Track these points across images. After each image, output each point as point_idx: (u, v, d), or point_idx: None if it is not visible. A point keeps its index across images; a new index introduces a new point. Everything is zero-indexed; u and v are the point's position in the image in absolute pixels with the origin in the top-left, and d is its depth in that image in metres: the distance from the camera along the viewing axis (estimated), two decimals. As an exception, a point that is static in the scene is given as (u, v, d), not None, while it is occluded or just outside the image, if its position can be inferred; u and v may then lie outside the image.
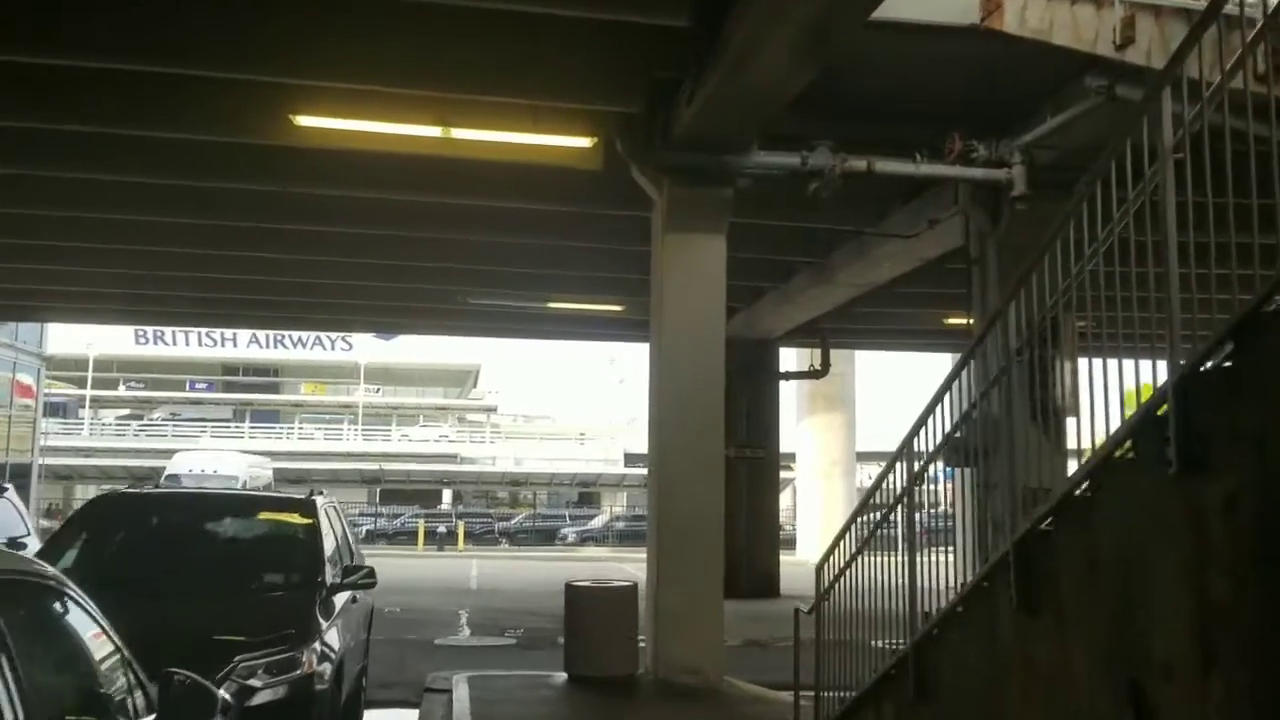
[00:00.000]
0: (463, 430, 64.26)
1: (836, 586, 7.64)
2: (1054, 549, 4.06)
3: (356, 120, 8.15)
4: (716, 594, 9.16)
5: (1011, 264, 9.15)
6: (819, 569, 8.27)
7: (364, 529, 37.22)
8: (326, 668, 5.29)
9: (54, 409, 62.34)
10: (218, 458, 27.05)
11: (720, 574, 9.15)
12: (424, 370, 72.10)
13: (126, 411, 69.53)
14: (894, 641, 6.30)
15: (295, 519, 6.45)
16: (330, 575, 6.13)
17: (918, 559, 6.05)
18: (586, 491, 55.78)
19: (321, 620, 5.66)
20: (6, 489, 8.54)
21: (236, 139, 9.03)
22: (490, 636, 13.31)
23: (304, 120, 8.07)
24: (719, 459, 9.15)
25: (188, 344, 72.03)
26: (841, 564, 7.35)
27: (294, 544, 6.27)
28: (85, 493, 48.92)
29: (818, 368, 18.97)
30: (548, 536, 37.59)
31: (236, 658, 4.78)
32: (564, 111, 8.36)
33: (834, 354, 20.30)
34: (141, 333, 70.85)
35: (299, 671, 5.06)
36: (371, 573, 6.48)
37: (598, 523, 41.14)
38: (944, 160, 8.80)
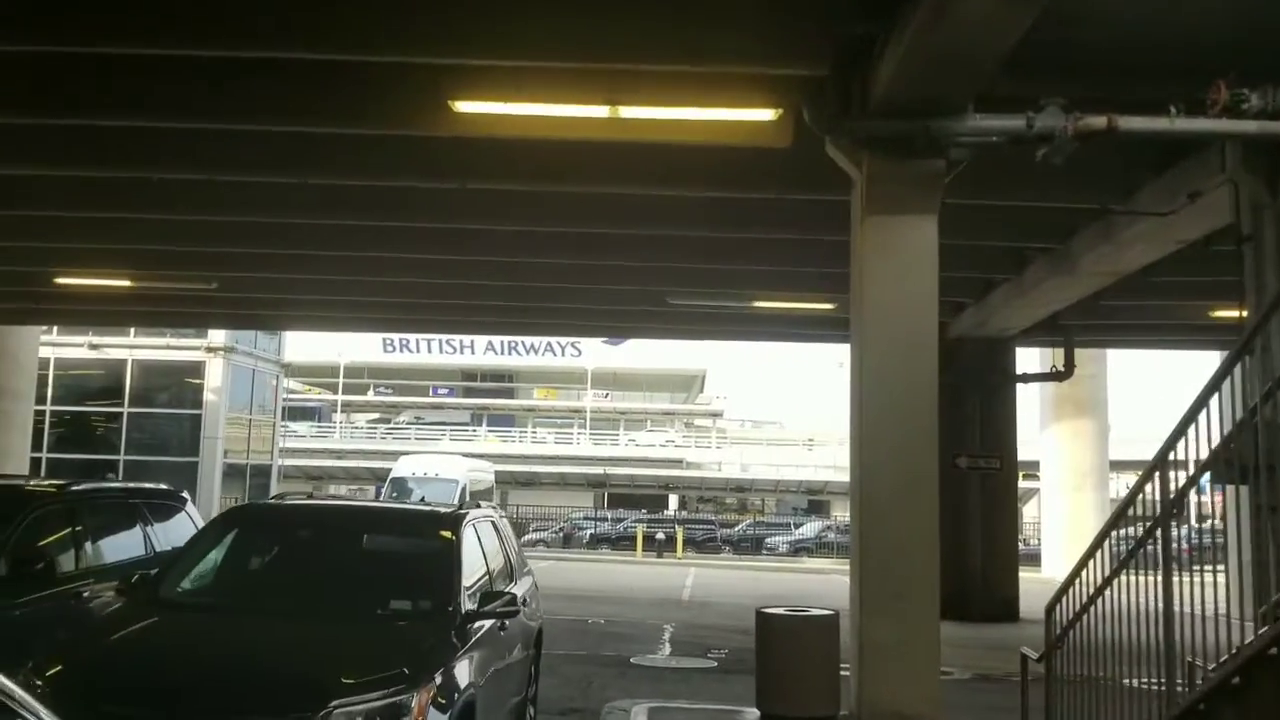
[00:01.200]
0: (689, 435, 64.07)
1: (1077, 626, 6.42)
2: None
3: (518, 103, 7.51)
4: (931, 625, 7.94)
5: (1297, 239, 7.56)
6: (1050, 610, 6.99)
7: (587, 533, 37.49)
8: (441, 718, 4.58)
9: (308, 413, 66.95)
10: (439, 461, 27.67)
11: (935, 602, 7.94)
12: (650, 375, 72.62)
13: (375, 415, 73.78)
14: (1148, 680, 5.23)
15: (433, 537, 5.87)
16: (468, 602, 5.47)
17: (1176, 587, 4.82)
18: (815, 499, 54.28)
19: (449, 656, 4.99)
20: (185, 500, 8.48)
21: (398, 130, 8.63)
22: (691, 657, 12.48)
23: (463, 106, 7.51)
24: (931, 472, 7.94)
25: (430, 351, 75.88)
26: (1081, 602, 6.12)
27: (427, 566, 5.68)
28: (336, 492, 51.90)
29: (1060, 369, 17.06)
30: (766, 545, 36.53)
31: (332, 704, 4.17)
32: (742, 79, 7.42)
33: (1081, 354, 18.28)
34: (389, 341, 75.27)
35: (404, 720, 4.38)
36: (512, 600, 5.78)
37: (808, 531, 39.52)
38: (1205, 114, 7.23)
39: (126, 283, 14.61)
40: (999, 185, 9.55)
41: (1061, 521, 26.73)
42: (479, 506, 6.83)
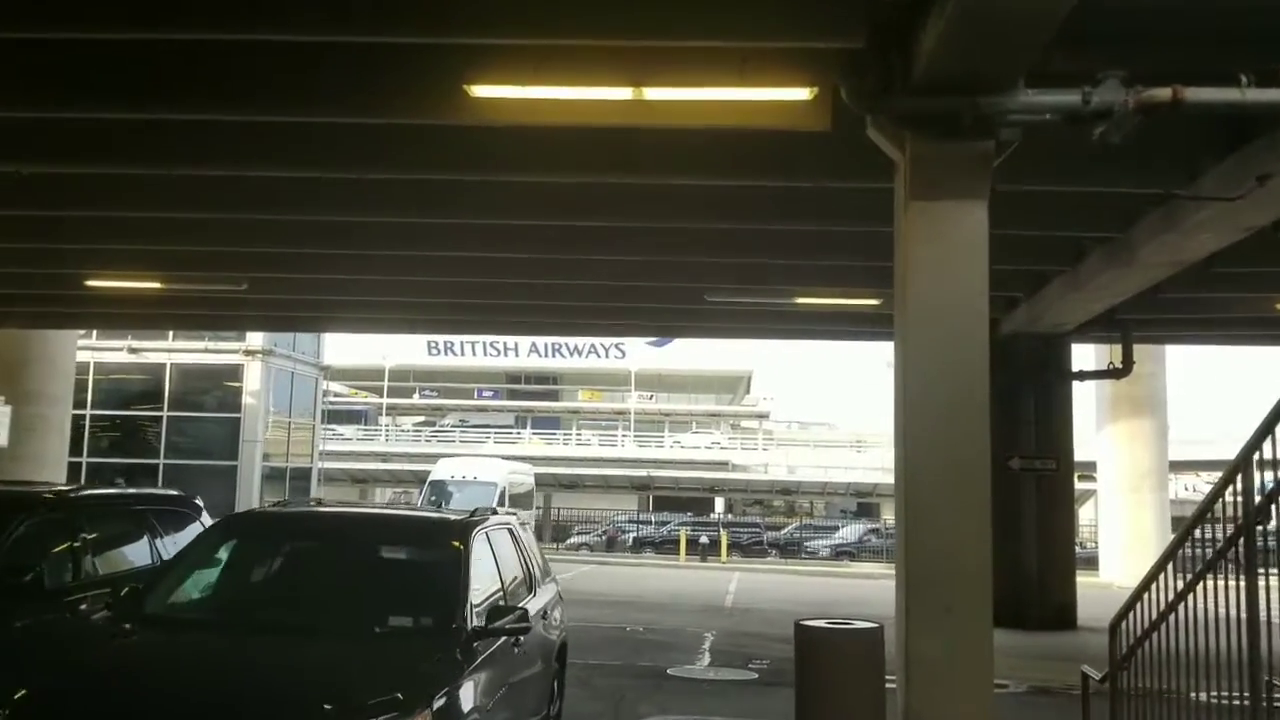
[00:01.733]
0: (734, 437, 63.45)
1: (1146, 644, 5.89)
2: None
3: (538, 86, 7.09)
4: (984, 636, 7.40)
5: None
6: (1115, 627, 6.45)
7: (630, 536, 37.07)
8: (439, 747, 4.17)
9: (355, 416, 67.34)
10: (478, 464, 27.38)
11: (988, 612, 7.40)
12: (696, 377, 72.16)
13: (421, 418, 74.02)
14: (1228, 695, 4.87)
15: (440, 548, 5.46)
16: (475, 619, 5.05)
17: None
18: (864, 501, 53.48)
19: (452, 677, 4.58)
20: (198, 508, 8.13)
21: (410, 119, 8.26)
22: (731, 668, 12.00)
23: (480, 90, 7.11)
24: (982, 475, 7.40)
25: (474, 354, 76.08)
26: (1152, 616, 5.60)
27: (432, 579, 5.27)
28: (381, 495, 52.03)
29: (1118, 366, 16.32)
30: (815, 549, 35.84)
31: (316, 731, 3.78)
32: (774, 54, 6.94)
33: (1140, 351, 17.55)
34: (433, 344, 75.60)
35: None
36: (524, 616, 5.33)
37: (849, 534, 38.73)
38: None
39: (156, 285, 14.42)
40: (1054, 170, 8.98)
41: (1119, 524, 25.82)
42: (496, 513, 6.41)
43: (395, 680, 4.28)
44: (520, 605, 5.58)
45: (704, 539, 30.91)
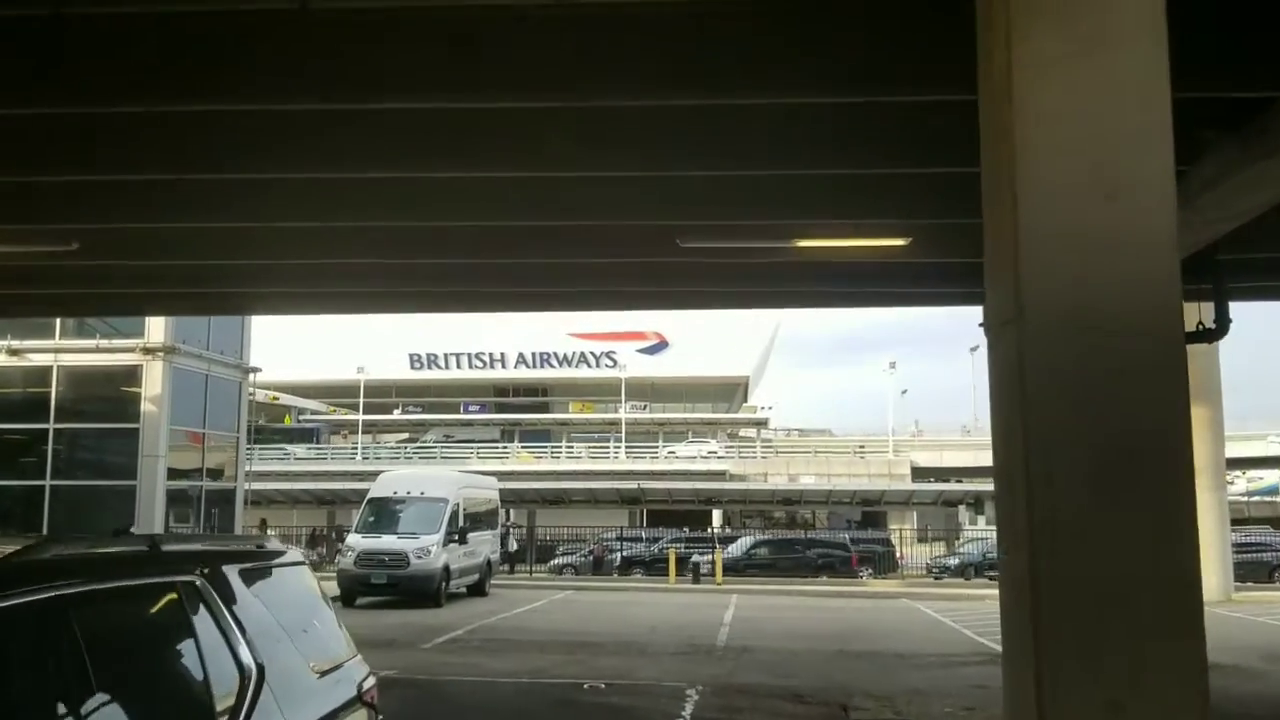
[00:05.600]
0: (731, 446, 59.87)
1: None
2: None
3: None
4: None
5: None
6: None
7: (618, 555, 33.37)
8: None
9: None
10: (425, 477, 23.76)
11: (1204, 676, 3.95)
12: (690, 384, 68.80)
13: (405, 435, 70.47)
14: None
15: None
16: None
17: None
18: (870, 511, 49.98)
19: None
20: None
21: None
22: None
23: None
24: (1178, 466, 4.00)
25: (459, 367, 72.83)
26: None
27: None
28: (349, 519, 48.38)
29: (1208, 327, 12.71)
30: (827, 566, 32.21)
31: None
32: None
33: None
34: (417, 357, 72.34)
35: None
36: None
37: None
38: None
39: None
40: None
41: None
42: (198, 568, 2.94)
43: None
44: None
45: (696, 558, 27.25)
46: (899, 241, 10.61)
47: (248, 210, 10.18)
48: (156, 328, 19.93)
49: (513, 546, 34.01)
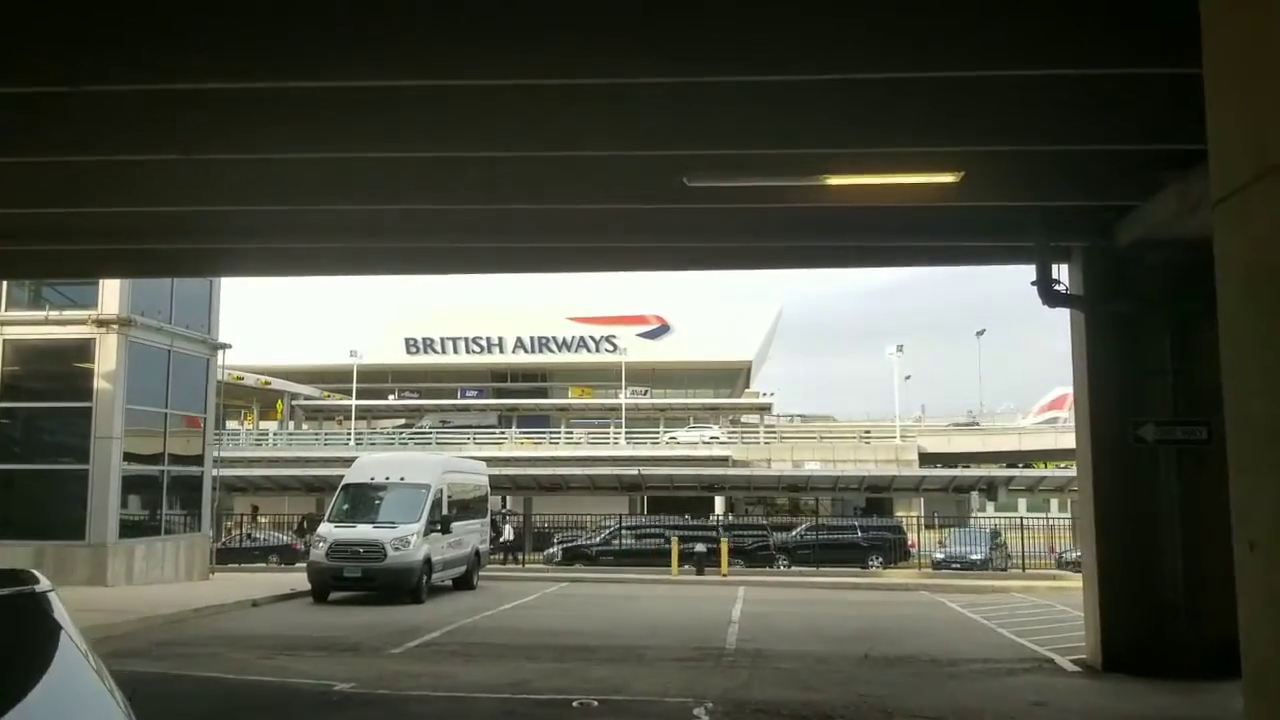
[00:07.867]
0: (734, 432, 58.17)
1: None
2: None
3: None
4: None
5: None
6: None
7: (617, 543, 31.69)
8: None
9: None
10: (405, 462, 22.05)
11: None
12: (692, 369, 67.23)
13: (401, 421, 68.85)
14: None
15: None
16: None
17: None
18: (876, 497, 48.48)
19: None
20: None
21: None
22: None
23: None
24: None
25: (457, 351, 71.27)
26: None
27: None
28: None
29: (1295, 285, 11.08)
30: (833, 552, 30.57)
31: None
32: None
33: None
34: (413, 342, 70.73)
35: None
36: None
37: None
38: None
39: None
40: None
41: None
42: None
43: None
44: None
45: (700, 548, 25.53)
46: (948, 178, 8.95)
47: (210, 141, 8.52)
48: (111, 297, 18.17)
49: (509, 535, 32.38)
